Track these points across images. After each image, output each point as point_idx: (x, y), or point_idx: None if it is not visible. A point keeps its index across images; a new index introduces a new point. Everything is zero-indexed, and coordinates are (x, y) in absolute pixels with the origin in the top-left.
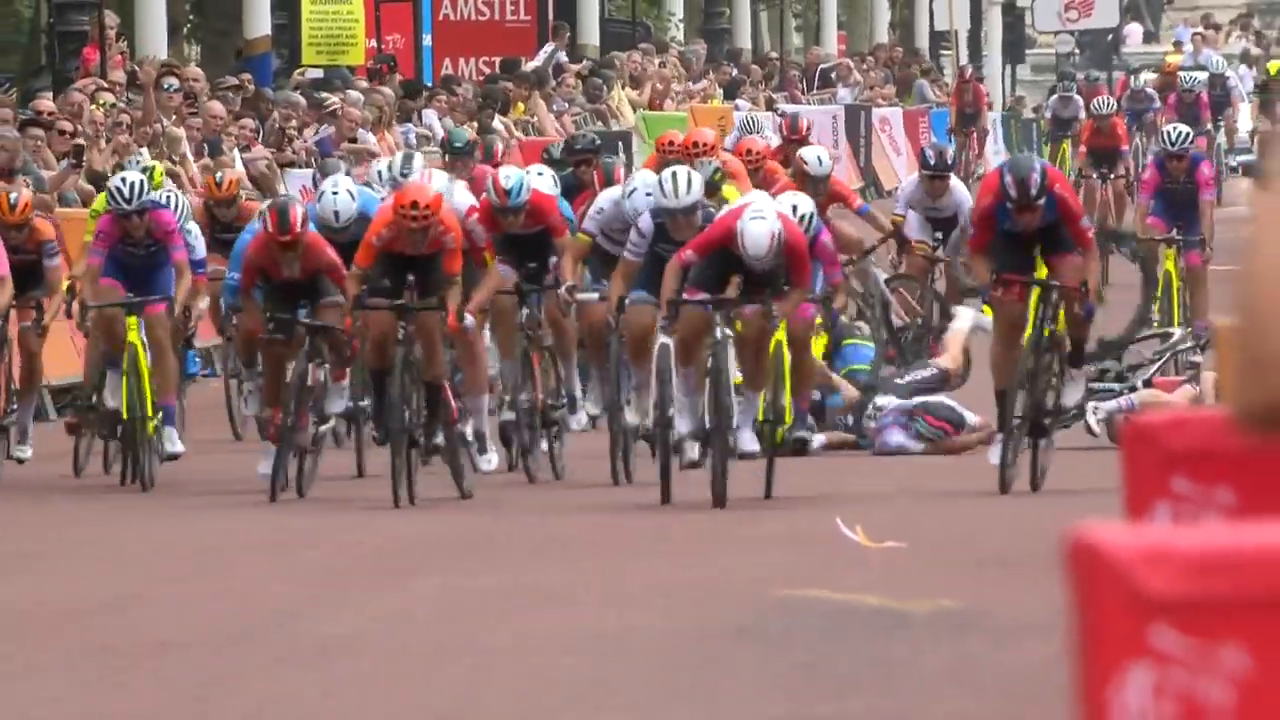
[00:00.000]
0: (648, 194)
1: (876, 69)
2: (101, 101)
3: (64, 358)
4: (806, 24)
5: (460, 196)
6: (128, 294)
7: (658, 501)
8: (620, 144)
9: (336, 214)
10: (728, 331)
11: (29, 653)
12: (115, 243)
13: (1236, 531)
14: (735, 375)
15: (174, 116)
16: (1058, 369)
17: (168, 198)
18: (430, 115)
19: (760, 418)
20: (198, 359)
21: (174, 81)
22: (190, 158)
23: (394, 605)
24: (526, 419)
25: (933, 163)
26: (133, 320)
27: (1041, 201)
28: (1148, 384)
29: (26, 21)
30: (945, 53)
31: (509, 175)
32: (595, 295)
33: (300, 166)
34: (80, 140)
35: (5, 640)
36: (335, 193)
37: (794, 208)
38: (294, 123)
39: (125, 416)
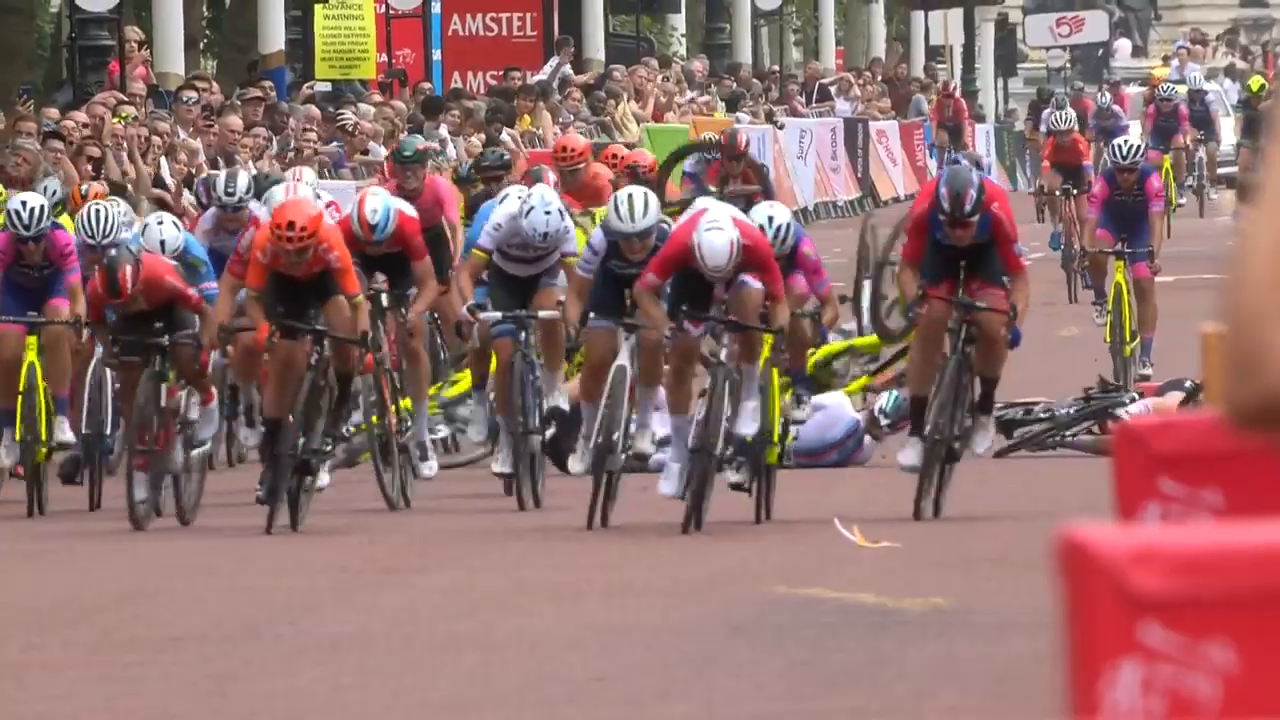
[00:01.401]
0: (546, 212)
1: (874, 83)
2: (123, 115)
3: None
4: (805, 39)
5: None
6: (28, 313)
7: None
8: None
9: (162, 244)
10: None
11: (46, 648)
12: (10, 264)
13: (1224, 531)
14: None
15: (191, 129)
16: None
17: (144, 228)
18: (441, 128)
19: (748, 440)
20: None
21: (193, 94)
22: (206, 170)
23: (400, 601)
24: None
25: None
26: (32, 340)
27: (975, 218)
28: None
29: (48, 36)
30: (940, 66)
31: (375, 209)
32: (499, 314)
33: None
34: (99, 151)
35: (21, 635)
36: (160, 223)
37: (770, 219)
38: (311, 136)
39: (18, 438)
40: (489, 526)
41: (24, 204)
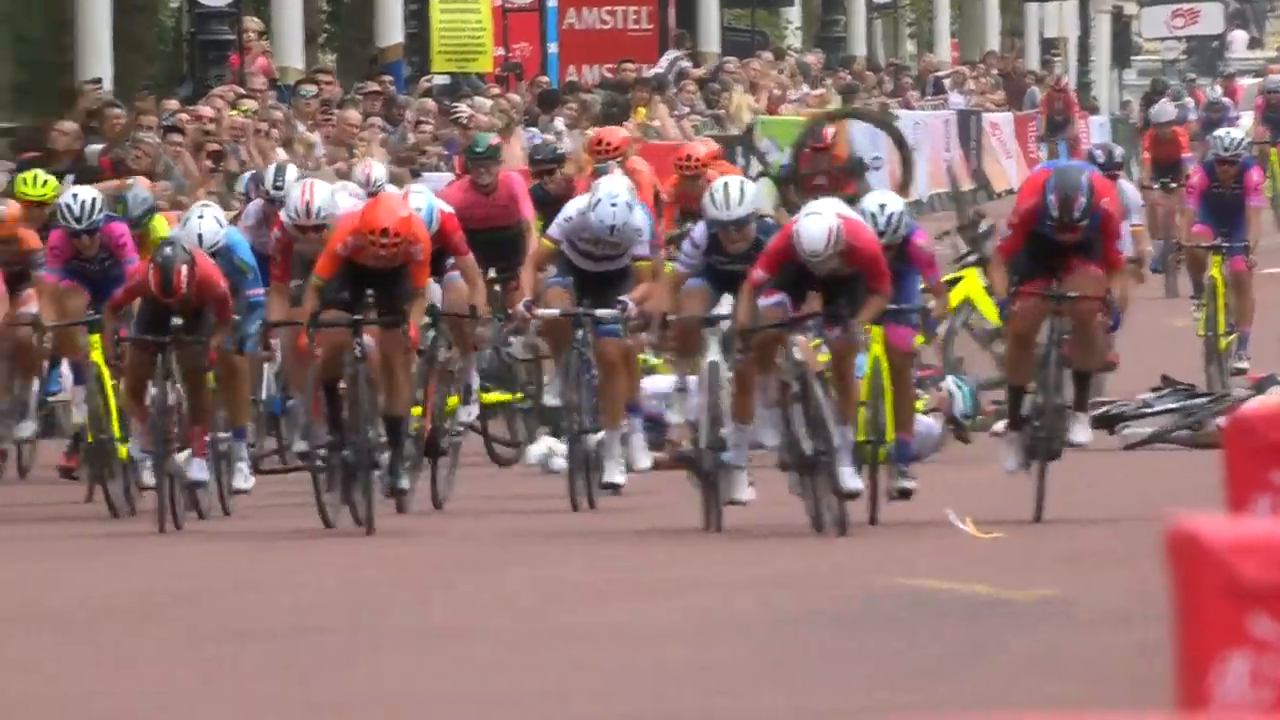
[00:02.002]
0: (612, 204)
1: (988, 76)
2: (244, 108)
3: None
4: (920, 32)
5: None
6: (88, 309)
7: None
8: (739, 148)
9: (200, 237)
10: (798, 356)
11: (144, 639)
12: (69, 259)
13: None
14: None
15: (309, 122)
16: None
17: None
18: (557, 121)
19: (861, 436)
20: None
21: (311, 88)
22: (324, 163)
23: (494, 593)
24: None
25: (1101, 161)
26: (95, 338)
27: (1084, 223)
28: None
29: (169, 31)
30: (1055, 59)
31: (419, 208)
32: (557, 311)
33: (432, 170)
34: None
35: (122, 626)
36: (201, 217)
37: (881, 206)
38: (426, 128)
39: (90, 439)
40: (576, 523)
41: (75, 196)
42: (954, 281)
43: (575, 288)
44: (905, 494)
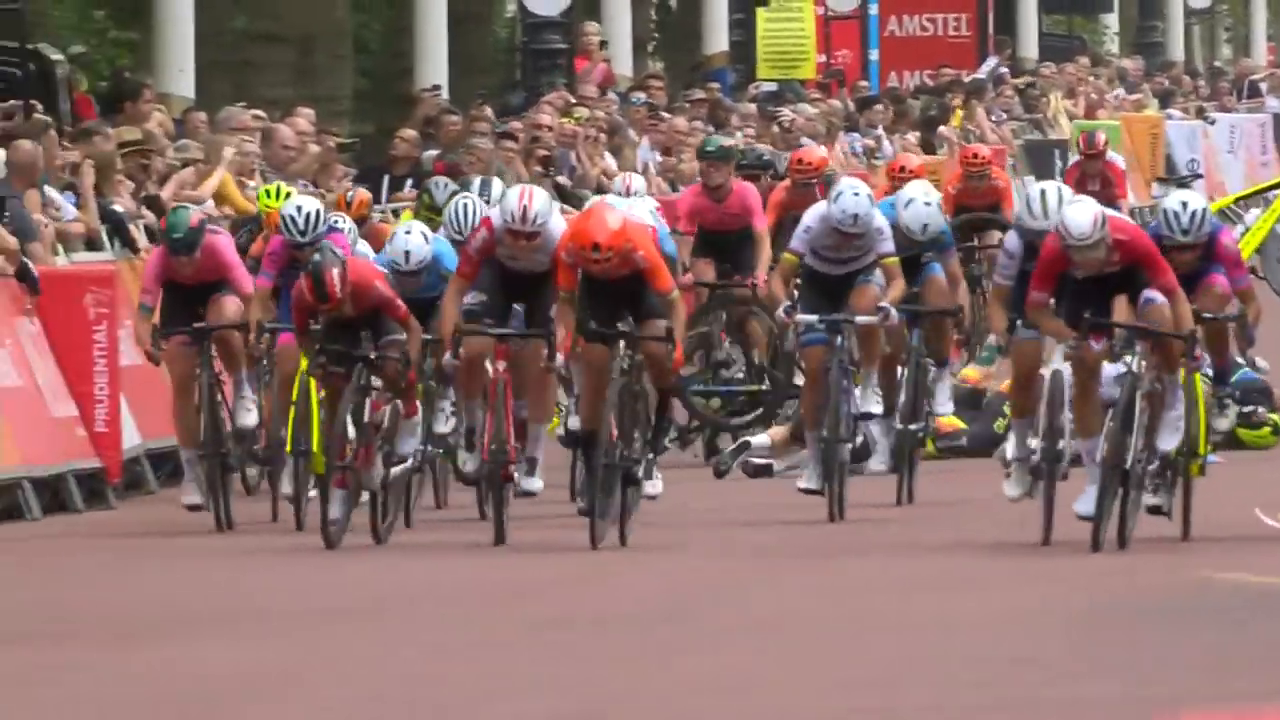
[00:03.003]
0: (855, 193)
1: None
2: (576, 115)
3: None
4: (1236, 36)
5: (557, 221)
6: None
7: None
8: (1056, 151)
9: (407, 254)
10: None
11: (485, 625)
12: (286, 266)
13: None
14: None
15: (638, 129)
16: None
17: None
18: (877, 127)
19: (1175, 453)
20: None
21: (641, 95)
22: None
23: (820, 584)
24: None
25: None
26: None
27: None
28: None
29: (501, 40)
30: None
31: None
32: (815, 317)
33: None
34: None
35: (464, 613)
36: (408, 233)
37: (1184, 204)
38: (750, 134)
39: (289, 450)
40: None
41: (299, 209)
42: None
43: (824, 298)
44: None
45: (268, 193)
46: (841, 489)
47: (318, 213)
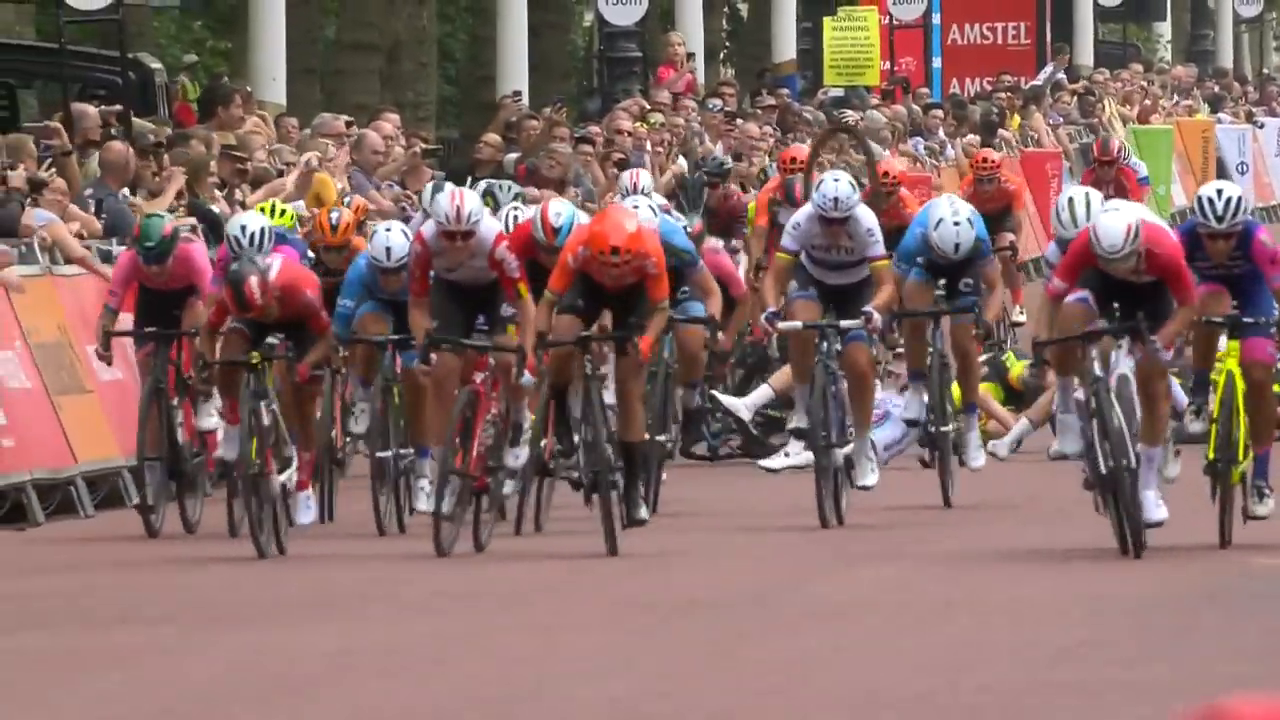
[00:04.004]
0: (835, 180)
1: None
2: (651, 121)
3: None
4: None
5: (489, 224)
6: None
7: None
8: None
9: (388, 251)
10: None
11: (573, 608)
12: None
13: None
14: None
15: (712, 133)
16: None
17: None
18: (939, 131)
19: (1210, 456)
20: None
21: (718, 101)
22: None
23: (893, 572)
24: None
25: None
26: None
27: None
28: None
29: (579, 49)
30: None
31: (559, 213)
32: (799, 324)
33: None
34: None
35: (550, 596)
36: (389, 230)
37: (1219, 191)
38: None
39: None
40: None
41: (244, 227)
42: None
43: (820, 299)
44: (1259, 518)
45: (268, 211)
46: (838, 495)
47: (263, 230)
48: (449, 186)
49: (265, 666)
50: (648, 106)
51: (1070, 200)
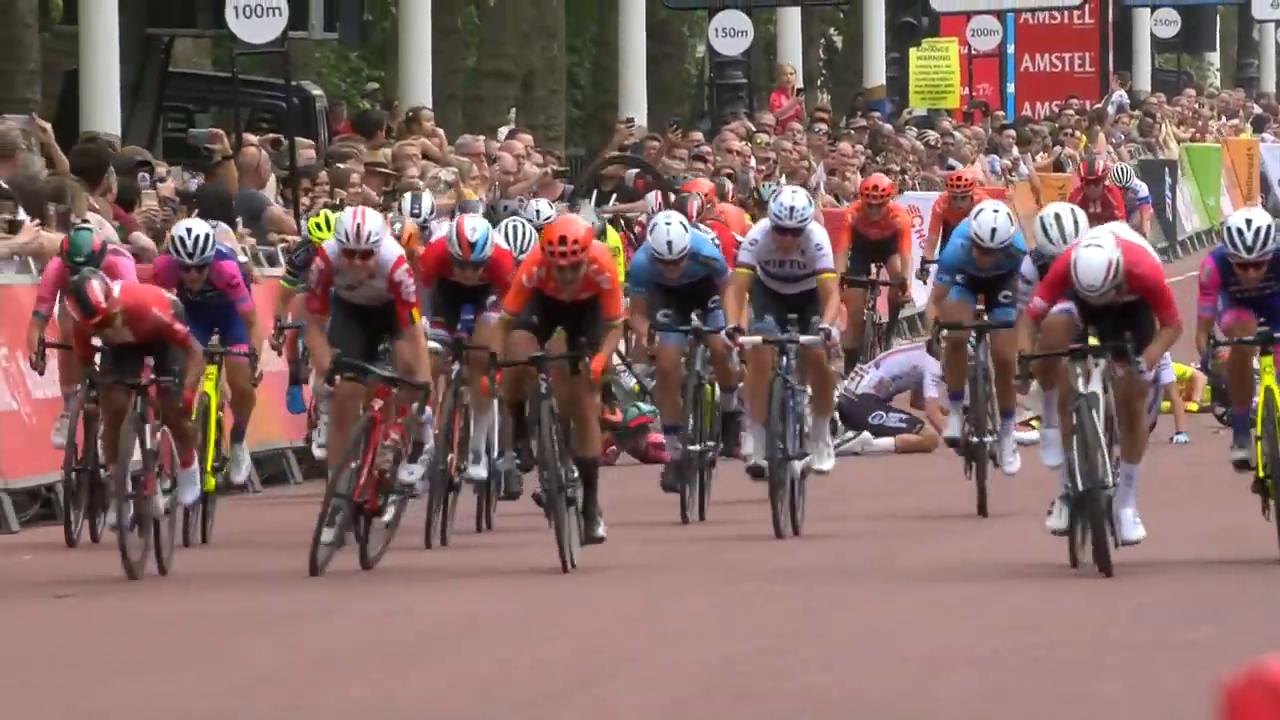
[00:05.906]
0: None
1: None
2: (758, 141)
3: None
4: None
5: (390, 245)
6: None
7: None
8: (1165, 170)
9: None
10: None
11: (674, 574)
12: (172, 286)
13: None
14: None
15: (815, 151)
16: None
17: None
18: (1013, 149)
19: (1260, 474)
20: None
21: (822, 125)
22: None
23: (965, 545)
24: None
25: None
26: (212, 369)
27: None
28: None
29: (692, 76)
30: None
31: (475, 229)
32: (759, 339)
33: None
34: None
35: (668, 562)
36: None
37: (1248, 221)
38: (913, 158)
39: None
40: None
41: (189, 231)
42: None
43: (774, 311)
44: None
45: (318, 225)
46: (794, 500)
47: (207, 236)
48: (350, 206)
49: (381, 630)
50: (754, 128)
51: (1057, 216)
